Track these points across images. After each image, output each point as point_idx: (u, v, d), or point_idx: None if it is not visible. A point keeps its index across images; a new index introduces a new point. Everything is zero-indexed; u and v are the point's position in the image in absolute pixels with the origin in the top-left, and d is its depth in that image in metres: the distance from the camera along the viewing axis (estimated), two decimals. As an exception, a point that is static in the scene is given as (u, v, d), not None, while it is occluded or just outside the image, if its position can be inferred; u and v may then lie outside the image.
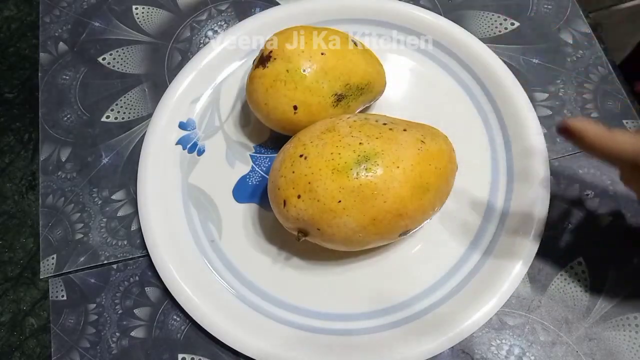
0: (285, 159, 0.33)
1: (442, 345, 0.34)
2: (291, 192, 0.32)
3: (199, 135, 0.42)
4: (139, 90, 0.44)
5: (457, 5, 0.46)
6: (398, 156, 0.31)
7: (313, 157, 0.31)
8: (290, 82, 0.35)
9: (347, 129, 0.32)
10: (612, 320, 0.35)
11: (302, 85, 0.35)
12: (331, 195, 0.30)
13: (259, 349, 0.34)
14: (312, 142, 0.32)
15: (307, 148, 0.32)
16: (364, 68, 0.37)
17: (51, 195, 0.41)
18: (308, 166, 0.31)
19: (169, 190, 0.40)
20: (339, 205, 0.30)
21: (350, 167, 0.30)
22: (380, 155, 0.31)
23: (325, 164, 0.31)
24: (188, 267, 0.37)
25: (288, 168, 0.32)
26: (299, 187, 0.31)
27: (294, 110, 0.36)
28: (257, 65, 0.36)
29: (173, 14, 0.48)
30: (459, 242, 0.37)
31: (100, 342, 0.36)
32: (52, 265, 0.39)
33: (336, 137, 0.32)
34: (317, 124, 0.34)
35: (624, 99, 0.41)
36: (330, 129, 0.33)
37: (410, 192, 0.31)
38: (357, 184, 0.30)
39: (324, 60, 0.36)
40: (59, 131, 0.43)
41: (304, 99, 0.35)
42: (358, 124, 0.33)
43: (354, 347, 0.34)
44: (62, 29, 0.48)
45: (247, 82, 0.38)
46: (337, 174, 0.30)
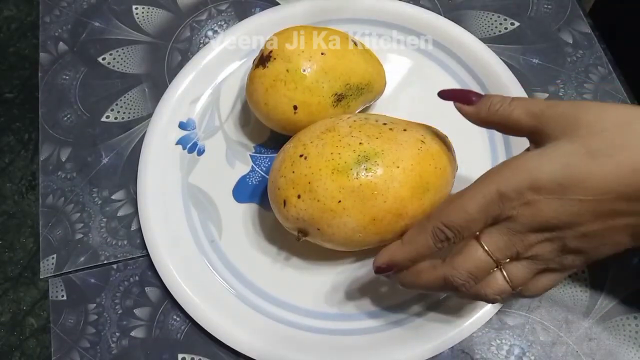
0: (285, 158, 0.33)
1: (442, 345, 0.34)
2: (291, 192, 0.32)
3: (199, 135, 0.42)
4: (139, 90, 0.44)
5: (457, 5, 0.46)
6: (398, 156, 0.31)
7: (313, 157, 0.31)
8: (290, 82, 0.35)
9: (347, 128, 0.32)
10: (612, 320, 0.35)
11: (302, 85, 0.35)
12: (331, 195, 0.30)
13: (259, 349, 0.34)
14: (312, 142, 0.32)
15: (307, 148, 0.32)
16: (364, 68, 0.37)
17: (51, 195, 0.41)
18: (308, 166, 0.31)
19: (169, 190, 0.40)
20: (339, 205, 0.30)
21: (350, 167, 0.30)
22: (380, 155, 0.31)
23: (325, 163, 0.31)
24: (188, 267, 0.37)
25: (288, 168, 0.32)
26: (299, 187, 0.31)
27: (294, 110, 0.36)
28: (257, 65, 0.36)
29: (173, 14, 0.48)
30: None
31: (100, 342, 0.36)
32: (52, 265, 0.39)
33: (336, 137, 0.32)
34: (317, 124, 0.34)
35: (624, 99, 0.41)
36: (330, 128, 0.33)
37: (410, 192, 0.31)
38: (357, 183, 0.30)
39: (324, 60, 0.36)
40: (59, 131, 0.43)
41: (304, 99, 0.35)
42: (358, 123, 0.33)
43: (353, 347, 0.34)
44: (62, 29, 0.48)
45: (247, 82, 0.38)
46: (337, 174, 0.30)
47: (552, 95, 0.42)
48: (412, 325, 0.35)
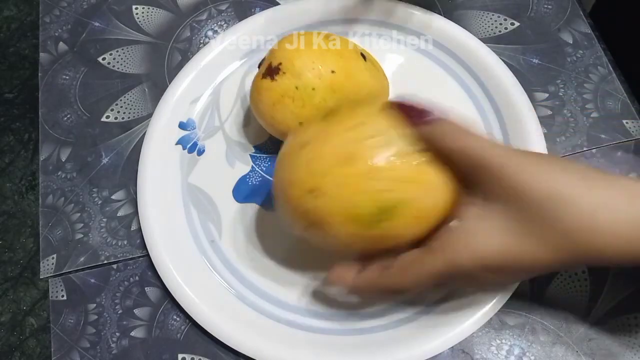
0: (294, 195, 0.30)
1: (442, 345, 0.33)
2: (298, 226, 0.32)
3: (199, 135, 0.42)
4: (139, 90, 0.44)
5: (457, 5, 0.46)
6: (421, 207, 0.29)
7: (328, 199, 0.29)
8: (298, 100, 0.35)
9: (368, 164, 0.28)
10: (612, 320, 0.35)
11: (310, 104, 0.35)
12: (341, 241, 0.30)
13: (259, 349, 0.34)
14: (325, 178, 0.29)
15: (321, 186, 0.29)
16: (371, 84, 0.37)
17: (51, 195, 0.41)
18: (319, 206, 0.29)
19: (169, 190, 0.40)
20: (346, 247, 0.31)
21: (368, 220, 0.29)
22: (404, 205, 0.29)
23: (339, 210, 0.29)
24: (188, 267, 0.37)
25: (295, 201, 0.30)
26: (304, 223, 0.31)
27: (299, 126, 0.35)
28: (265, 75, 0.36)
29: (173, 14, 0.48)
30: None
31: (100, 342, 0.36)
32: (52, 265, 0.39)
33: (356, 179, 0.28)
34: (328, 144, 0.30)
35: (624, 99, 0.42)
36: (350, 158, 0.29)
37: (427, 231, 0.30)
38: (371, 233, 0.29)
39: (333, 78, 0.35)
40: (59, 131, 0.43)
41: (310, 116, 0.35)
42: (383, 159, 0.28)
43: (353, 347, 0.34)
44: (62, 28, 0.48)
45: (253, 89, 0.37)
46: (352, 223, 0.29)
47: (552, 95, 0.42)
48: (412, 325, 0.35)
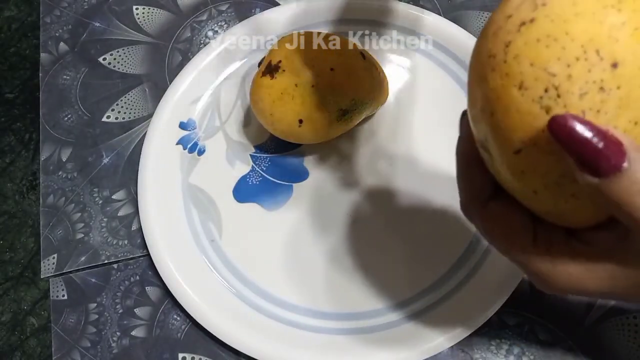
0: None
1: (442, 344, 0.34)
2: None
3: (199, 135, 0.42)
4: (140, 91, 0.45)
5: (457, 5, 0.46)
6: None
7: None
8: (298, 97, 0.35)
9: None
10: (612, 320, 0.35)
11: (309, 101, 0.35)
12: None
13: (259, 348, 0.34)
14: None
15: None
16: (370, 84, 0.37)
17: (52, 195, 0.41)
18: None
19: (169, 190, 0.40)
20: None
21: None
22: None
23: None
24: (188, 266, 0.37)
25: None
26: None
27: (299, 124, 0.36)
28: (265, 72, 0.36)
29: (173, 15, 0.48)
30: (458, 242, 0.37)
31: (100, 342, 0.36)
32: (52, 264, 0.39)
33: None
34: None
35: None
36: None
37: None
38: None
39: (332, 76, 0.35)
40: (59, 131, 0.43)
41: (310, 114, 0.35)
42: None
43: (353, 346, 0.34)
44: (63, 29, 0.48)
45: (253, 87, 0.37)
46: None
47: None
48: (412, 324, 0.35)
